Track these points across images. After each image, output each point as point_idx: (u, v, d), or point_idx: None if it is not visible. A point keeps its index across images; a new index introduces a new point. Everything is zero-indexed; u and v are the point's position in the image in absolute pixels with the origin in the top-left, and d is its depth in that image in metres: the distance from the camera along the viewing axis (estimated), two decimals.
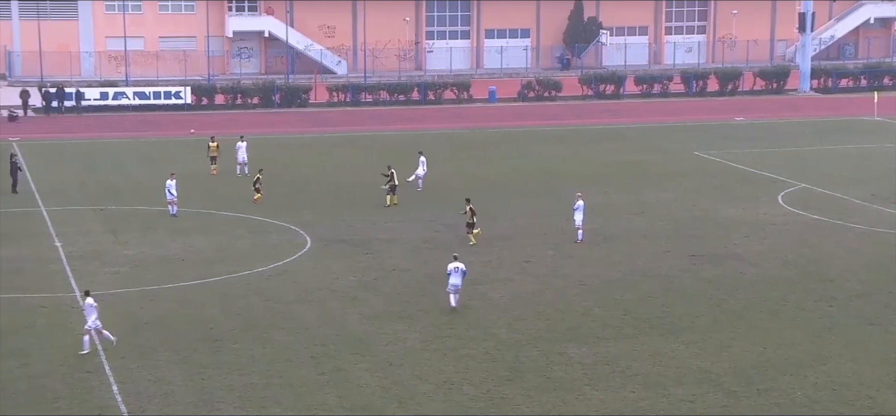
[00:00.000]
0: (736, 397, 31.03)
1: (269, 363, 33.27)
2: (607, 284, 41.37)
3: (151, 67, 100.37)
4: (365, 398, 30.91)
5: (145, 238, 47.58)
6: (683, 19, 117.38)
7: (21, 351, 33.90)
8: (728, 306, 38.94)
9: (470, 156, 67.96)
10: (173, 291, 40.42)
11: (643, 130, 78.89)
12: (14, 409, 29.86)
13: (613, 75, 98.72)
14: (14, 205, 53.58)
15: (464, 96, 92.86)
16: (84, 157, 67.00)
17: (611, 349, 34.61)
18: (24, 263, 43.83)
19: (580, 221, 47.11)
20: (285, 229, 49.49)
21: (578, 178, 60.30)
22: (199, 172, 60.07)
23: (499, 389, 31.50)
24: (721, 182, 60.16)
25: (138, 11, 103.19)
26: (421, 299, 39.52)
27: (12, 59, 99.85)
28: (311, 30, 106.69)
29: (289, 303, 39.04)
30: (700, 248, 46.35)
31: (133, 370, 32.50)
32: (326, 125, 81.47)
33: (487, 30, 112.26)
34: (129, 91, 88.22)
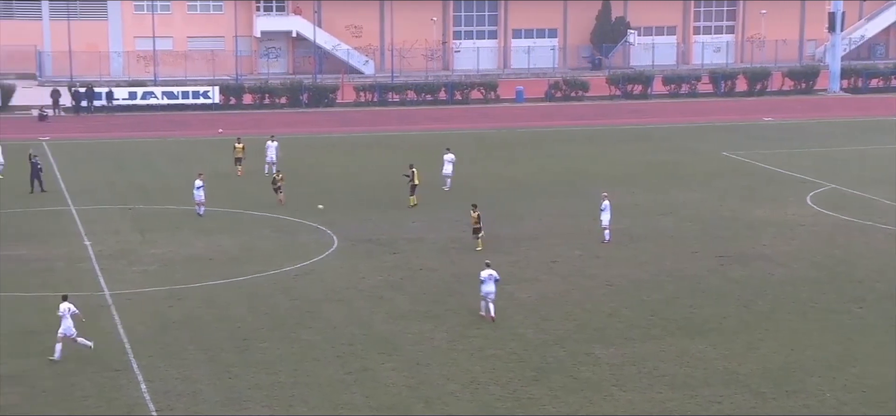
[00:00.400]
0: (764, 398, 30.92)
1: (297, 362, 33.38)
2: (634, 284, 41.29)
3: (180, 67, 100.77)
4: (391, 397, 30.97)
5: (173, 237, 47.79)
6: (712, 19, 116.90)
7: (50, 349, 34.08)
8: (756, 307, 38.80)
9: (497, 156, 67.93)
10: (201, 290, 40.59)
11: (671, 131, 78.67)
12: (43, 407, 30.07)
13: (641, 75, 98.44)
14: (44, 204, 53.90)
15: (491, 96, 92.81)
16: (113, 156, 67.34)
17: (638, 349, 34.54)
18: (53, 262, 44.12)
19: (607, 221, 47.02)
20: (312, 228, 49.62)
21: (606, 178, 60.19)
22: (226, 172, 60.27)
23: (525, 389, 31.50)
24: (749, 183, 59.93)
25: (167, 11, 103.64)
26: (448, 298, 39.55)
27: (42, 59, 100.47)
28: (338, 30, 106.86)
29: (316, 302, 39.14)
30: (728, 249, 46.19)
31: (161, 369, 32.67)
32: (353, 125, 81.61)
33: (515, 30, 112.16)
34: (158, 91, 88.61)
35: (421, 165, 54.51)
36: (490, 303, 36.72)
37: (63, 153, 67.53)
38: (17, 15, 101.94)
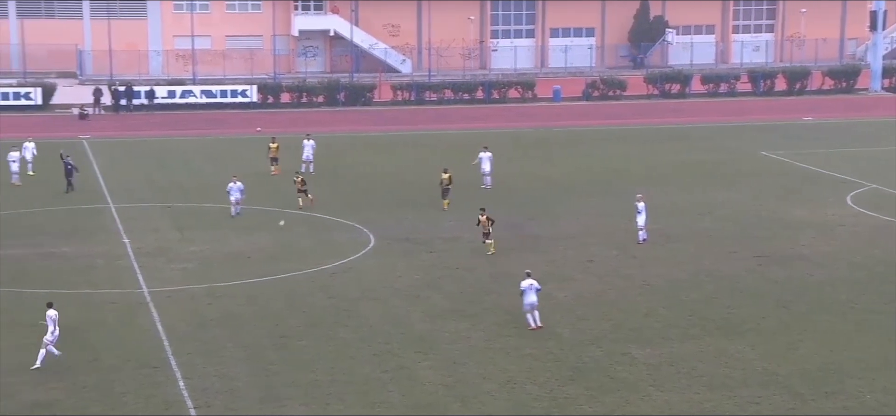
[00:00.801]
0: (803, 399, 30.76)
1: (334, 360, 33.51)
2: (672, 284, 41.17)
3: (218, 66, 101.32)
4: (428, 395, 31.03)
5: (211, 235, 48.08)
6: (751, 17, 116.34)
7: (91, 346, 34.42)
8: (795, 307, 38.60)
9: (534, 155, 67.90)
10: (239, 288, 40.82)
11: (709, 130, 78.35)
12: (84, 403, 30.33)
13: (679, 74, 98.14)
14: (84, 202, 54.34)
15: (528, 95, 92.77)
16: (152, 154, 67.80)
17: (675, 349, 34.44)
18: (94, 259, 44.49)
19: (643, 222, 46.89)
20: (349, 227, 49.78)
21: (643, 178, 60.08)
22: (264, 171, 60.53)
23: (562, 388, 31.49)
24: (788, 183, 59.61)
25: (206, 11, 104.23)
26: (484, 298, 39.58)
27: (83, 58, 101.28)
28: (375, 29, 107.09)
29: (353, 301, 39.27)
30: (766, 249, 45.97)
31: (199, 366, 32.88)
32: (390, 124, 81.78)
33: (552, 29, 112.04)
34: (197, 89, 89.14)
35: (459, 165, 54.53)
36: (535, 312, 35.93)
37: (103, 152, 68.07)
38: (59, 14, 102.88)
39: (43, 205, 53.54)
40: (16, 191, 56.37)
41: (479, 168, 57.24)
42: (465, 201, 52.76)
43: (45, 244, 46.42)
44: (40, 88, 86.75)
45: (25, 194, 55.64)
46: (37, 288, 40.22)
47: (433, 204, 53.15)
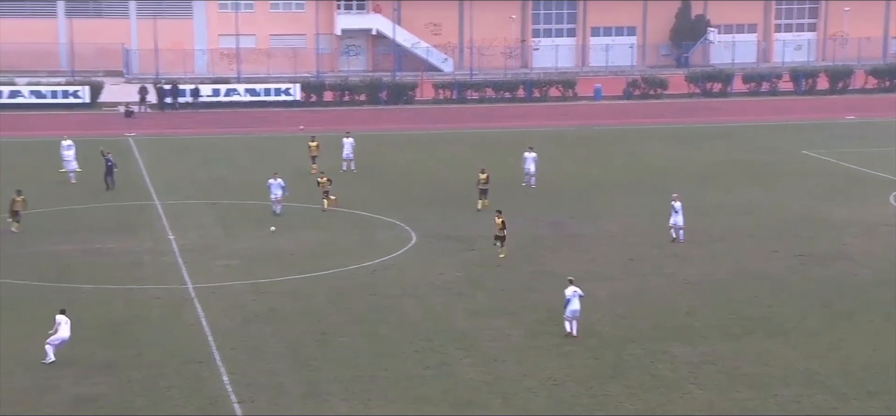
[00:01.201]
0: (845, 399, 30.47)
1: (376, 356, 33.53)
2: (713, 283, 40.90)
3: (262, 65, 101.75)
4: (469, 392, 30.98)
5: (255, 232, 48.24)
6: (794, 16, 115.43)
7: (137, 341, 34.64)
8: (837, 307, 38.24)
9: (575, 154, 67.68)
10: (282, 284, 40.95)
11: (751, 129, 77.83)
12: (129, 397, 30.52)
13: (721, 73, 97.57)
14: (130, 199, 54.68)
15: (569, 94, 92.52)
16: (197, 152, 68.16)
17: (717, 348, 34.22)
18: (140, 255, 44.77)
19: (680, 222, 46.52)
20: (391, 224, 49.83)
21: (684, 176, 59.78)
22: (306, 168, 60.67)
23: (602, 386, 31.35)
24: (830, 182, 59.11)
25: (250, 10, 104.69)
26: (525, 295, 39.48)
27: (130, 57, 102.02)
28: (418, 27, 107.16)
29: (395, 298, 39.29)
30: (808, 248, 45.59)
31: (243, 362, 33.00)
32: (432, 122, 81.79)
33: (593, 28, 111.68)
34: (241, 88, 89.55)
35: (501, 164, 54.40)
36: (575, 321, 35.07)
37: (148, 149, 68.50)
38: (106, 14, 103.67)
39: (88, 201, 53.93)
40: (62, 188, 56.69)
41: (523, 167, 57.06)
42: (507, 200, 52.60)
43: (91, 240, 46.77)
44: (88, 86, 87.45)
45: (70, 191, 56.05)
46: (83, 283, 40.56)
47: (475, 201, 53.03)
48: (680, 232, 46.52)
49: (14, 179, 55.38)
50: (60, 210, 52.01)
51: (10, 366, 32.54)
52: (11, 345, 34.12)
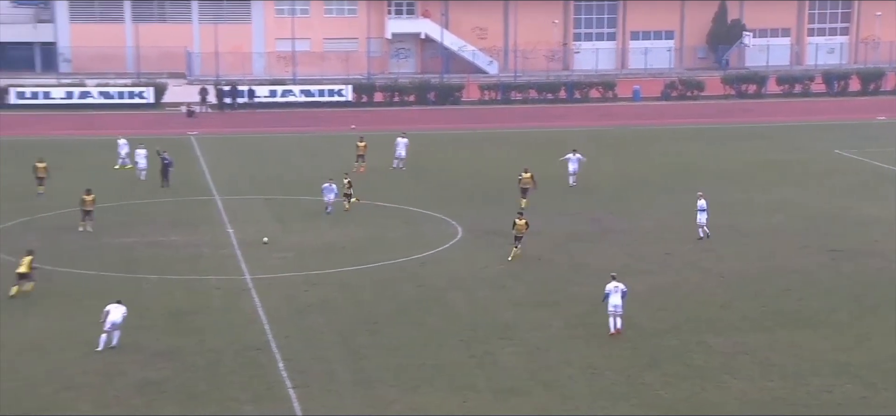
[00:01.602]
0: (874, 389, 30.24)
1: (422, 345, 33.65)
2: (746, 277, 40.69)
3: (316, 67, 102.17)
4: (512, 380, 31.04)
5: (308, 227, 48.50)
6: (826, 21, 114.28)
7: (197, 330, 34.97)
8: (866, 301, 37.93)
9: (614, 153, 67.45)
10: (334, 276, 41.16)
11: (784, 129, 77.22)
12: (191, 382, 30.82)
13: (755, 75, 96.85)
14: (192, 194, 55.12)
15: (609, 95, 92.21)
16: (254, 150, 68.58)
17: (749, 339, 34.06)
18: (201, 248, 45.15)
19: (704, 219, 46.05)
20: (437, 219, 49.93)
21: (719, 175, 59.48)
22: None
23: (640, 375, 31.31)
24: (861, 180, 58.56)
25: (306, 15, 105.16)
26: (565, 288, 39.47)
27: (192, 60, 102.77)
28: (464, 31, 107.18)
29: (440, 289, 39.38)
30: (838, 244, 45.23)
31: (298, 350, 33.24)
32: (478, 122, 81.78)
33: (632, 31, 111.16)
34: (296, 89, 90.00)
35: (543, 162, 54.27)
36: (618, 317, 34.40)
37: (208, 147, 69.01)
38: (170, 19, 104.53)
39: (151, 197, 54.42)
40: (127, 184, 57.19)
41: (566, 167, 56.72)
42: (548, 198, 52.58)
43: (154, 233, 47.21)
44: (152, 87, 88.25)
45: (132, 187, 56.56)
46: (147, 274, 40.98)
47: (518, 198, 52.96)
48: (704, 229, 46.05)
49: (83, 177, 56.06)
50: (125, 205, 52.54)
51: (82, 351, 32.98)
52: (82, 332, 34.56)
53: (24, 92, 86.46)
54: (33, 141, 69.59)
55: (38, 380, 30.90)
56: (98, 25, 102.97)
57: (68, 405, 29.29)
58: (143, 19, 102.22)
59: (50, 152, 59.39)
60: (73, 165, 60.91)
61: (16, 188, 55.26)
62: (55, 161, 56.86)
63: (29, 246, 40.83)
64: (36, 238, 46.02)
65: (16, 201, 52.57)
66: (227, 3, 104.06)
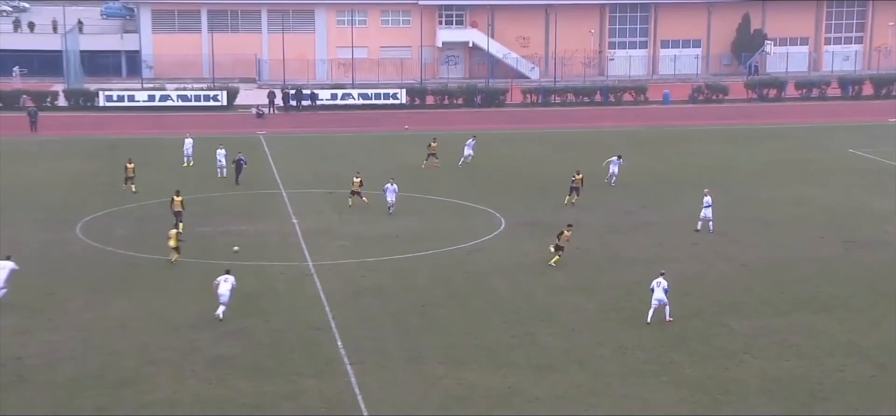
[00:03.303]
0: (884, 369, 29.88)
1: (468, 326, 33.65)
2: (767, 266, 40.29)
3: (373, 72, 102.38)
4: (550, 358, 30.98)
5: (365, 218, 48.55)
6: (842, 30, 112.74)
7: (265, 311, 35.20)
8: (879, 288, 37.44)
9: (646, 151, 66.99)
10: (388, 263, 41.25)
11: (802, 130, 76.31)
12: (259, 358, 31.04)
13: (776, 81, 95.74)
14: (261, 188, 55.43)
15: (641, 99, 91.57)
16: (317, 148, 68.81)
17: (769, 322, 33.76)
18: (268, 236, 45.41)
19: (709, 215, 45.38)
20: (483, 212, 49.88)
21: (742, 172, 58.95)
22: (413, 163, 60.88)
23: (667, 354, 31.13)
24: (874, 178, 57.76)
25: (364, 25, 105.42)
26: (600, 275, 39.30)
27: (261, 66, 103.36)
28: (508, 40, 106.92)
29: (485, 275, 39.34)
30: (853, 236, 44.69)
31: (354, 329, 33.36)
32: (521, 123, 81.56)
33: (663, 40, 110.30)
34: (355, 92, 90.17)
35: (579, 160, 53.95)
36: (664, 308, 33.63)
37: (275, 145, 69.37)
38: (242, 29, 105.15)
39: (224, 190, 54.79)
40: (201, 179, 57.58)
41: (607, 169, 55.86)
42: (586, 193, 52.24)
43: (227, 224, 47.53)
44: (226, 91, 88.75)
45: (206, 182, 56.93)
46: (219, 260, 41.26)
47: (558, 193, 52.79)
48: (710, 224, 45.38)
49: (163, 172, 56.57)
50: (199, 197, 52.95)
51: (162, 329, 33.33)
52: (162, 312, 34.94)
53: (111, 95, 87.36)
54: (119, 140, 70.35)
55: (122, 354, 31.27)
56: (177, 35, 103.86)
57: (149, 377, 29.61)
58: (217, 29, 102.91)
59: (134, 150, 60.00)
60: (154, 161, 61.49)
61: (104, 182, 55.89)
62: (139, 159, 57.36)
63: (121, 231, 41.16)
64: (121, 227, 46.56)
65: (104, 194, 53.17)
66: (293, 14, 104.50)
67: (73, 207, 50.37)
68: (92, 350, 31.58)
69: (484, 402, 27.98)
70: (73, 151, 66.02)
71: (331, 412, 27.47)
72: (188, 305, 35.59)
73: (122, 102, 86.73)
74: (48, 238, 44.68)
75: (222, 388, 28.88)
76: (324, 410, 27.55)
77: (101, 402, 27.98)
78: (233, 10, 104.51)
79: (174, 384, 29.14)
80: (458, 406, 27.74)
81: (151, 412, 27.47)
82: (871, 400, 27.93)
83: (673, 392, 28.48)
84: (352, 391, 28.63)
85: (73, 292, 37.09)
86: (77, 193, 53.89)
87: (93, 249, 43.06)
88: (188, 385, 29.03)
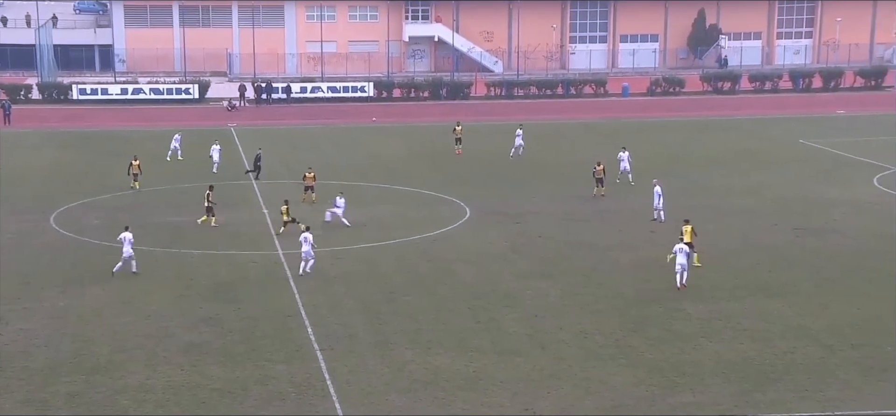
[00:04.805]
0: (832, 350, 30.17)
1: (434, 312, 33.62)
2: (722, 252, 40.54)
3: (341, 66, 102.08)
4: (513, 343, 31.01)
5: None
6: (793, 26, 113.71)
7: (236, 298, 34.99)
8: (827, 273, 37.79)
9: (606, 143, 67.22)
10: (356, 251, 41.14)
11: (755, 122, 76.86)
12: (231, 344, 30.87)
13: (730, 74, 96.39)
14: (233, 179, 55.07)
15: (601, 91, 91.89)
16: (286, 140, 68.53)
17: (724, 307, 33.97)
18: (239, 226, 45.15)
19: (660, 204, 45.49)
20: (449, 201, 49.86)
21: (699, 161, 59.28)
22: (381, 153, 60.50)
23: (626, 338, 31.25)
24: (823, 166, 58.29)
25: (332, 20, 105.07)
26: (562, 261, 39.39)
27: (232, 60, 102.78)
28: (473, 35, 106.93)
29: (451, 263, 39.33)
30: (803, 223, 45.05)
31: (324, 316, 33.24)
32: (485, 115, 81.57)
33: (622, 35, 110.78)
34: (324, 86, 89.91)
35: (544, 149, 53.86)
36: (683, 274, 35.15)
37: (246, 137, 68.98)
38: (213, 23, 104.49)
39: (197, 181, 54.40)
40: (176, 169, 57.19)
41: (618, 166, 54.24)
42: (546, 181, 52.39)
43: (200, 214, 47.14)
44: (197, 84, 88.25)
45: (179, 173, 56.58)
46: (191, 249, 41.01)
47: (521, 182, 52.82)
48: (661, 213, 45.43)
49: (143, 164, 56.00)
50: (174, 188, 52.57)
51: (135, 317, 33.06)
52: (135, 300, 34.65)
53: (84, 88, 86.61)
54: (91, 132, 69.67)
55: (96, 342, 30.99)
56: (150, 30, 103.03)
57: (122, 364, 29.36)
58: (189, 24, 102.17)
59: (110, 143, 59.43)
60: (128, 153, 60.89)
61: (77, 173, 55.34)
62: (113, 149, 56.84)
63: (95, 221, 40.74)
64: (95, 217, 46.13)
65: (78, 185, 52.65)
66: (263, 9, 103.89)
67: (47, 197, 49.86)
68: (66, 338, 31.28)
69: (450, 385, 27.97)
70: (47, 143, 65.32)
71: (301, 396, 27.36)
72: (161, 293, 35.33)
73: (95, 95, 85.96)
74: (23, 228, 44.20)
75: (194, 374, 28.69)
76: (294, 394, 27.44)
77: (75, 388, 27.72)
78: (204, 5, 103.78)
79: (147, 370, 28.91)
80: (424, 390, 27.71)
81: (124, 397, 27.24)
82: (819, 380, 28.18)
83: (631, 375, 28.60)
84: (321, 376, 28.52)
85: (48, 281, 36.71)
86: (51, 184, 53.34)
87: (67, 238, 42.64)
88: (161, 371, 28.82)
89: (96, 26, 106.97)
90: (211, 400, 27.10)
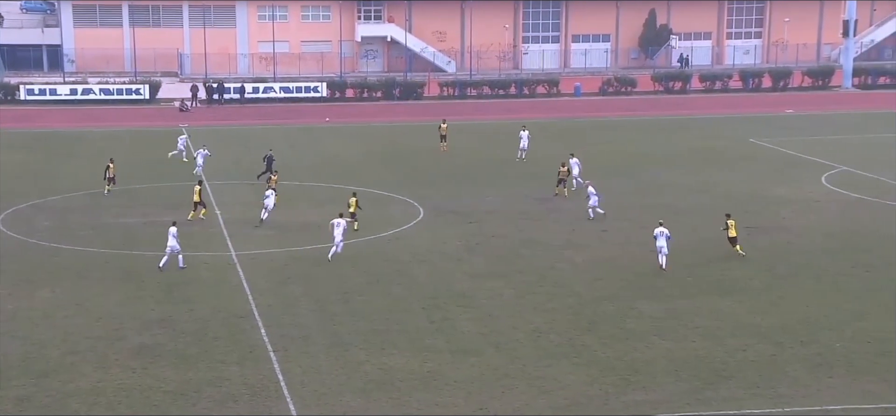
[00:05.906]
0: (782, 347, 30.53)
1: (389, 312, 33.57)
2: (675, 251, 40.73)
3: (294, 66, 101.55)
4: (468, 342, 31.04)
5: (289, 208, 48.14)
6: (742, 26, 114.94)
7: (189, 299, 34.70)
8: (777, 271, 38.24)
9: (559, 142, 67.49)
10: (311, 252, 40.96)
11: (706, 121, 77.60)
12: (183, 345, 30.59)
13: (681, 74, 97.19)
14: (185, 180, 54.57)
15: (553, 91, 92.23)
16: (239, 140, 68.06)
17: (676, 305, 34.25)
18: (191, 226, 44.75)
19: (595, 202, 45.82)
20: (402, 201, 49.80)
21: (651, 160, 59.67)
22: (334, 154, 60.28)
23: (580, 337, 31.40)
24: (772, 165, 58.97)
25: (285, 20, 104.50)
26: (516, 260, 39.49)
27: (183, 60, 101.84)
28: (426, 35, 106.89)
29: (405, 263, 39.28)
30: (754, 221, 45.51)
31: (278, 316, 33.06)
32: (438, 115, 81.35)
33: (574, 35, 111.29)
34: (276, 86, 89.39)
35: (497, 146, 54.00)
36: (664, 256, 37.44)
37: (198, 138, 68.33)
38: (163, 23, 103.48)
39: (149, 182, 53.90)
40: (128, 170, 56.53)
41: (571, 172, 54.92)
42: (501, 178, 52.46)
43: (151, 214, 46.78)
44: (148, 85, 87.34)
45: (135, 173, 55.95)
46: (144, 251, 40.59)
47: (474, 181, 52.89)
48: (594, 211, 45.62)
49: (89, 165, 55.31)
50: (125, 189, 51.99)
51: (86, 319, 32.67)
52: (86, 302, 34.23)
53: (32, 89, 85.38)
54: (40, 133, 68.71)
55: (46, 344, 30.57)
56: (99, 30, 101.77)
57: (73, 367, 28.98)
58: (139, 24, 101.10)
59: (59, 144, 58.61)
60: (79, 154, 60.15)
61: (26, 174, 54.54)
62: (64, 150, 56.10)
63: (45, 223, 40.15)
64: (44, 219, 45.50)
65: (26, 187, 51.89)
66: (214, 9, 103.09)
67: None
68: (15, 341, 30.81)
69: (404, 385, 27.93)
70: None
71: (254, 397, 27.17)
72: (111, 295, 34.94)
73: (43, 96, 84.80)
74: None
75: (146, 376, 28.40)
76: (247, 396, 27.25)
77: (25, 392, 27.32)
78: (154, 4, 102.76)
79: (98, 372, 28.57)
80: (378, 390, 27.65)
81: (75, 400, 26.89)
82: (770, 377, 28.51)
83: (585, 373, 28.74)
84: (275, 378, 28.36)
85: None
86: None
87: (16, 241, 42.00)
88: (112, 374, 28.49)
89: (44, 26, 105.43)
90: (163, 403, 26.84)
